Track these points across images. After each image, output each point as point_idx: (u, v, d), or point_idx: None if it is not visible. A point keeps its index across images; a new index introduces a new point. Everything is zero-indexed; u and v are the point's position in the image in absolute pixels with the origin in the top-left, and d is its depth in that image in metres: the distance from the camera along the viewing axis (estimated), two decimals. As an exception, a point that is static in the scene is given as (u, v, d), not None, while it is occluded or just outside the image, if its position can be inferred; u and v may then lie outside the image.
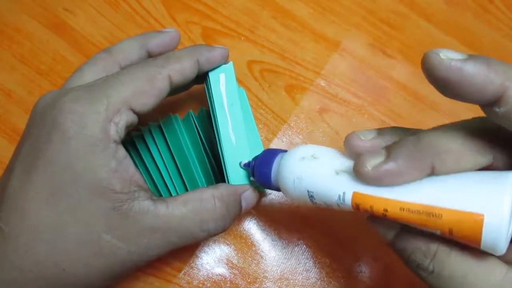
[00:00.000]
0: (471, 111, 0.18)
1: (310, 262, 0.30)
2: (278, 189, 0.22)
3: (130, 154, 0.22)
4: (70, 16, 0.34)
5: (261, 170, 0.23)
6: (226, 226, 0.23)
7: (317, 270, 0.30)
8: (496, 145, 0.17)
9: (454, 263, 0.16)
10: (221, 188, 0.23)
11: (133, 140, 0.28)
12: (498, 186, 0.15)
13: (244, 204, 0.24)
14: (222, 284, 0.30)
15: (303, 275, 0.30)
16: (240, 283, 0.30)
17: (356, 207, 0.18)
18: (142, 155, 0.28)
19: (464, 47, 0.35)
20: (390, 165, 0.17)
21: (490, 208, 0.15)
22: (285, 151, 0.22)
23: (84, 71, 0.24)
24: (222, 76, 0.25)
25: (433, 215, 0.16)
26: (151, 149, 0.28)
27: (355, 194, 0.18)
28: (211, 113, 0.25)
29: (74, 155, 0.19)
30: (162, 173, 0.27)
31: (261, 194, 0.30)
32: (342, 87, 0.34)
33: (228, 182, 0.24)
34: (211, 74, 0.25)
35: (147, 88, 0.21)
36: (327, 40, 0.35)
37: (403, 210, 0.16)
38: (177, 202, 0.22)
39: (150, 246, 0.21)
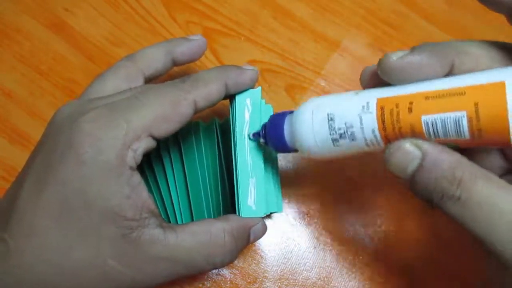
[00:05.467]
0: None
1: (310, 262, 0.30)
2: (292, 149, 0.22)
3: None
4: (70, 16, 0.34)
5: (274, 124, 0.22)
6: (232, 260, 0.23)
7: (317, 270, 0.30)
8: None
9: (482, 188, 0.16)
10: (232, 222, 0.22)
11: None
12: None
13: (252, 237, 0.23)
14: (222, 284, 0.30)
15: (303, 275, 0.30)
16: (240, 283, 0.30)
17: (381, 113, 0.18)
18: (153, 162, 0.27)
19: (464, 47, 0.35)
20: (415, 57, 0.18)
21: (510, 74, 0.15)
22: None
23: (106, 80, 0.23)
24: (248, 102, 0.24)
25: (457, 94, 0.16)
26: (163, 157, 0.26)
27: (379, 99, 0.18)
28: (231, 136, 0.24)
29: (87, 179, 0.19)
30: (169, 183, 0.27)
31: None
32: (342, 87, 0.34)
33: (239, 214, 0.23)
34: (237, 98, 0.24)
35: (170, 114, 0.21)
36: (327, 40, 0.35)
37: (428, 98, 0.17)
38: (186, 232, 0.21)
39: (155, 274, 0.21)
